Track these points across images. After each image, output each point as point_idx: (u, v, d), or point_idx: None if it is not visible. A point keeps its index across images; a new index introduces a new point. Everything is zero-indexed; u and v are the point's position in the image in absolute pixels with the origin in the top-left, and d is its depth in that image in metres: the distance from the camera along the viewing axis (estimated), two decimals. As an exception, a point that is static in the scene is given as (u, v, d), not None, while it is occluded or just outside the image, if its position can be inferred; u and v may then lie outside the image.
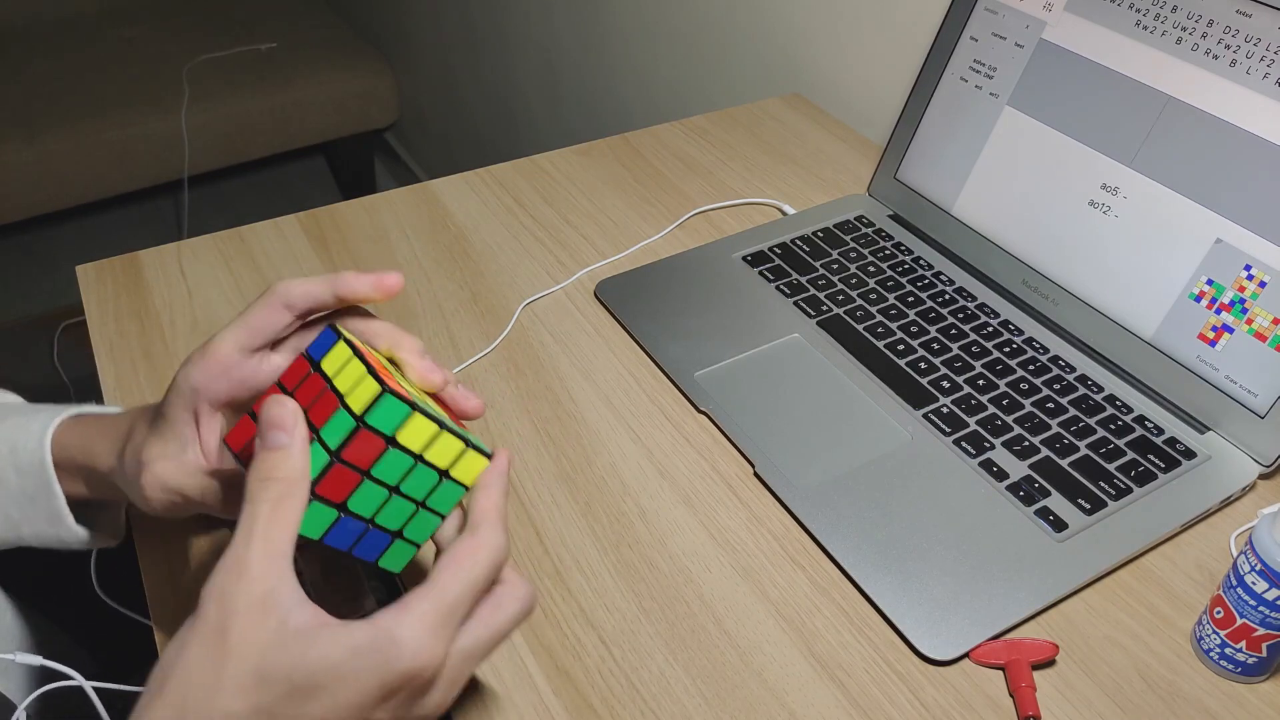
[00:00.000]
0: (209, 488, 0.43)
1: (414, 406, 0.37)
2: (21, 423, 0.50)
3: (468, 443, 0.40)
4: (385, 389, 0.37)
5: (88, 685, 0.48)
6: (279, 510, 0.35)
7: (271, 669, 0.33)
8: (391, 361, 0.43)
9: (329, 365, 0.38)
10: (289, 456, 0.36)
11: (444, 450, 0.39)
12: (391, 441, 0.37)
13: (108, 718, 0.50)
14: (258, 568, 0.34)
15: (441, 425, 0.39)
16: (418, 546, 0.41)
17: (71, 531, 0.50)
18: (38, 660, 0.51)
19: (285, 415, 0.36)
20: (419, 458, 0.38)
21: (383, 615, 0.34)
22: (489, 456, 0.41)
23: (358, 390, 0.37)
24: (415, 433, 0.38)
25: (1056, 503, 0.58)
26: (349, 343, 0.39)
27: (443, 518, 0.41)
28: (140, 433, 0.45)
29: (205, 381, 0.42)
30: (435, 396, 0.43)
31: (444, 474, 0.40)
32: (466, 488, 0.40)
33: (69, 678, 0.48)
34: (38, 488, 0.49)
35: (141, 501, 0.44)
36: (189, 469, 0.43)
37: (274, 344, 0.44)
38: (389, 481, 0.38)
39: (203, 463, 0.43)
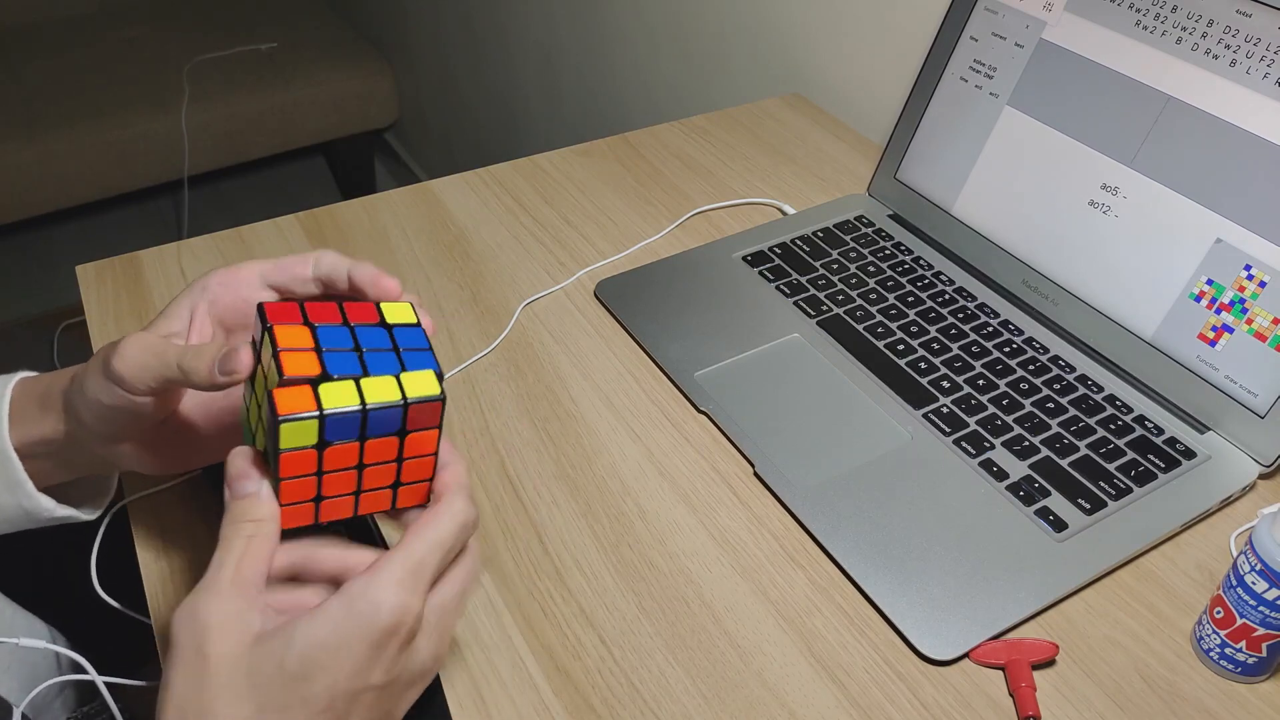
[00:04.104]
0: (196, 356, 0.40)
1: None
2: None
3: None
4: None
5: (98, 678, 0.48)
6: (250, 547, 0.37)
7: (260, 667, 0.35)
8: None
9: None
10: (257, 501, 0.38)
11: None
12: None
13: (115, 709, 0.50)
14: (228, 590, 0.36)
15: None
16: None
17: (33, 499, 0.49)
18: (41, 644, 0.51)
19: (246, 465, 0.38)
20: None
21: (352, 583, 0.36)
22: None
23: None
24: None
25: (1056, 503, 0.58)
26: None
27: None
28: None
29: (220, 288, 0.44)
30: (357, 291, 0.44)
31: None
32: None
33: (79, 667, 0.48)
34: None
35: (110, 383, 0.42)
36: (174, 344, 0.42)
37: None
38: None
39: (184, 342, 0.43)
